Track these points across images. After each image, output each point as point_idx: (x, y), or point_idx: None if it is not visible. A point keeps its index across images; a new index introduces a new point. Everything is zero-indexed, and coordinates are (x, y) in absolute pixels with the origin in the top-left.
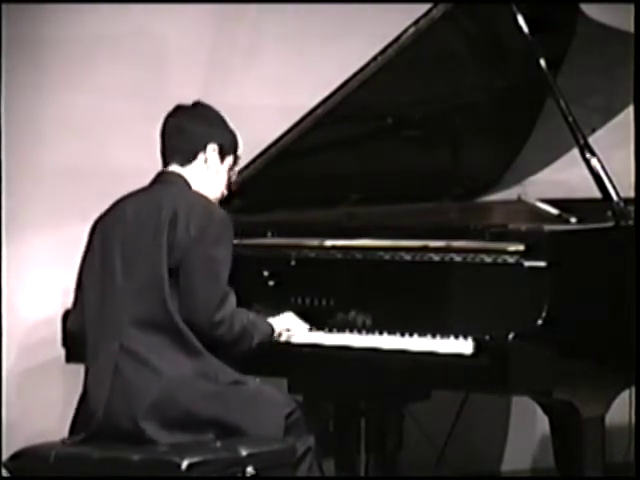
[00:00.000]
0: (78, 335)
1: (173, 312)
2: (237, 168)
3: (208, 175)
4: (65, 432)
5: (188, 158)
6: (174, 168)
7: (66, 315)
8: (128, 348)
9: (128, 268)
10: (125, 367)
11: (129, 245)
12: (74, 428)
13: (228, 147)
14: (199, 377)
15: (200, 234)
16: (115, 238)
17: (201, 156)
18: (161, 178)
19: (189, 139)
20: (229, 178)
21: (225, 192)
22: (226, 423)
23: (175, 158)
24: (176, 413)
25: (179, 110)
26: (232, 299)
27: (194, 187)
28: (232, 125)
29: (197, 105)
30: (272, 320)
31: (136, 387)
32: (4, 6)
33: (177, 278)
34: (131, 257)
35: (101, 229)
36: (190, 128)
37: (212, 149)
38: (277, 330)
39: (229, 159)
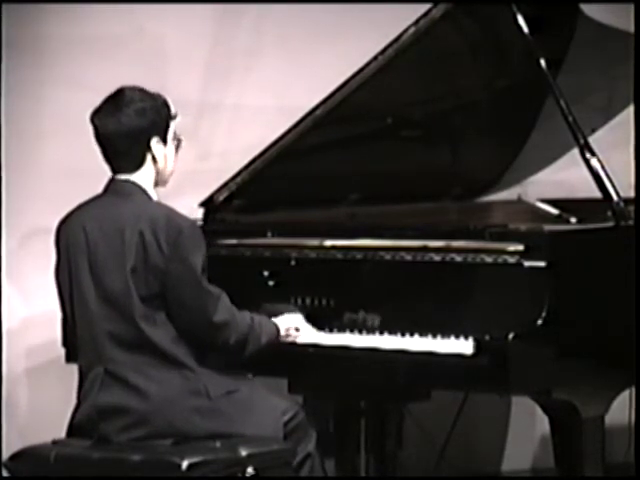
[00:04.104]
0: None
1: (150, 334)
2: (177, 131)
3: (159, 167)
4: (64, 432)
5: (137, 163)
6: (124, 174)
7: (66, 316)
8: (113, 372)
9: (99, 292)
10: (111, 391)
11: (97, 269)
12: (70, 433)
13: (167, 127)
14: (189, 394)
15: (174, 249)
16: (82, 259)
17: (148, 155)
18: (116, 187)
19: (133, 144)
20: (175, 146)
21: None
22: (224, 435)
23: (124, 167)
24: (168, 431)
25: (108, 107)
26: (226, 299)
27: (150, 187)
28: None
29: (124, 96)
30: (276, 319)
31: (123, 409)
32: (4, 6)
33: (160, 299)
34: (100, 282)
35: (65, 247)
36: (130, 131)
37: (155, 142)
38: (282, 329)
39: (170, 134)
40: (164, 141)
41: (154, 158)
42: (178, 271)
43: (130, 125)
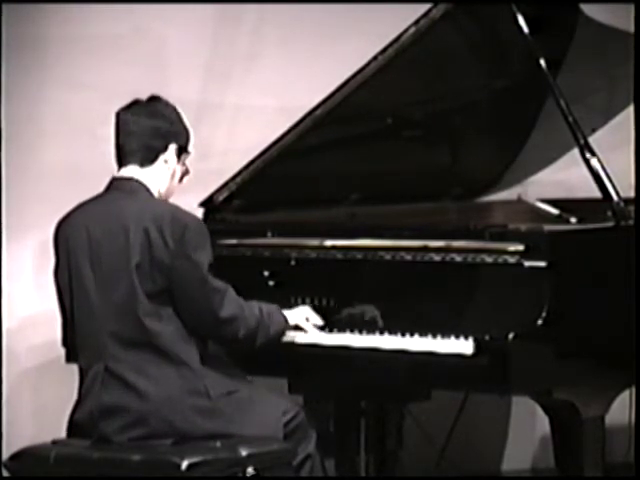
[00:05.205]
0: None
1: (155, 331)
2: (187, 162)
3: (167, 176)
4: (64, 432)
5: (149, 159)
6: (131, 169)
7: (65, 315)
8: (113, 370)
9: (102, 290)
10: (111, 390)
11: (100, 267)
12: (70, 433)
13: (185, 146)
14: (189, 394)
15: (179, 245)
16: (83, 257)
17: (162, 157)
18: (119, 185)
19: (152, 139)
20: (182, 174)
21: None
22: (224, 435)
23: (134, 159)
24: (168, 430)
25: (136, 106)
26: (232, 293)
27: (153, 190)
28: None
29: (155, 101)
30: (286, 312)
31: (122, 409)
32: (4, 6)
33: (166, 295)
34: (103, 279)
35: (65, 246)
36: (152, 127)
37: (173, 149)
38: (291, 322)
39: (184, 157)
40: (178, 155)
41: (166, 161)
42: (184, 267)
43: (153, 122)
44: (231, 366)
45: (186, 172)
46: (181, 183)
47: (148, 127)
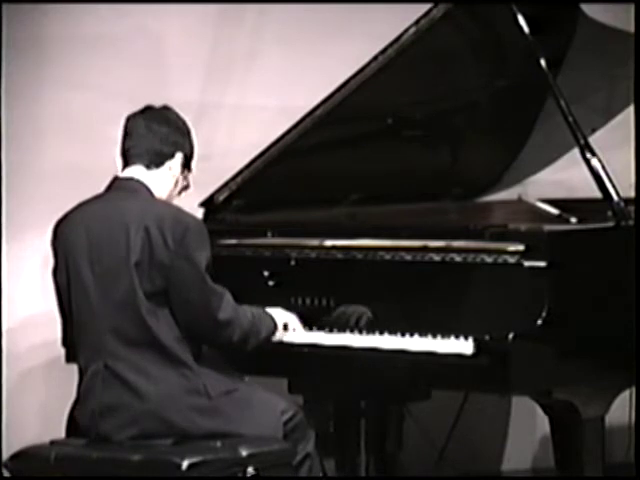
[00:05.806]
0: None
1: (154, 330)
2: (190, 177)
3: (169, 183)
4: (64, 432)
5: (156, 163)
6: (135, 170)
7: (64, 315)
8: (113, 369)
9: (102, 288)
10: (111, 388)
11: (100, 265)
12: (69, 433)
13: (190, 158)
14: (189, 393)
15: (180, 246)
16: (82, 256)
17: (168, 163)
18: (120, 185)
19: (161, 144)
20: (183, 186)
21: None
22: (224, 434)
23: (141, 160)
24: (168, 429)
25: (149, 111)
26: (229, 297)
27: (156, 190)
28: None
29: (168, 110)
30: (272, 312)
31: (122, 407)
32: (4, 6)
33: (164, 295)
34: (103, 278)
35: (64, 245)
36: (163, 133)
37: (179, 158)
38: (279, 323)
39: (186, 172)
40: (182, 166)
41: (170, 168)
42: (183, 268)
43: (165, 129)
44: (227, 367)
45: (187, 186)
46: (179, 196)
47: (159, 132)
